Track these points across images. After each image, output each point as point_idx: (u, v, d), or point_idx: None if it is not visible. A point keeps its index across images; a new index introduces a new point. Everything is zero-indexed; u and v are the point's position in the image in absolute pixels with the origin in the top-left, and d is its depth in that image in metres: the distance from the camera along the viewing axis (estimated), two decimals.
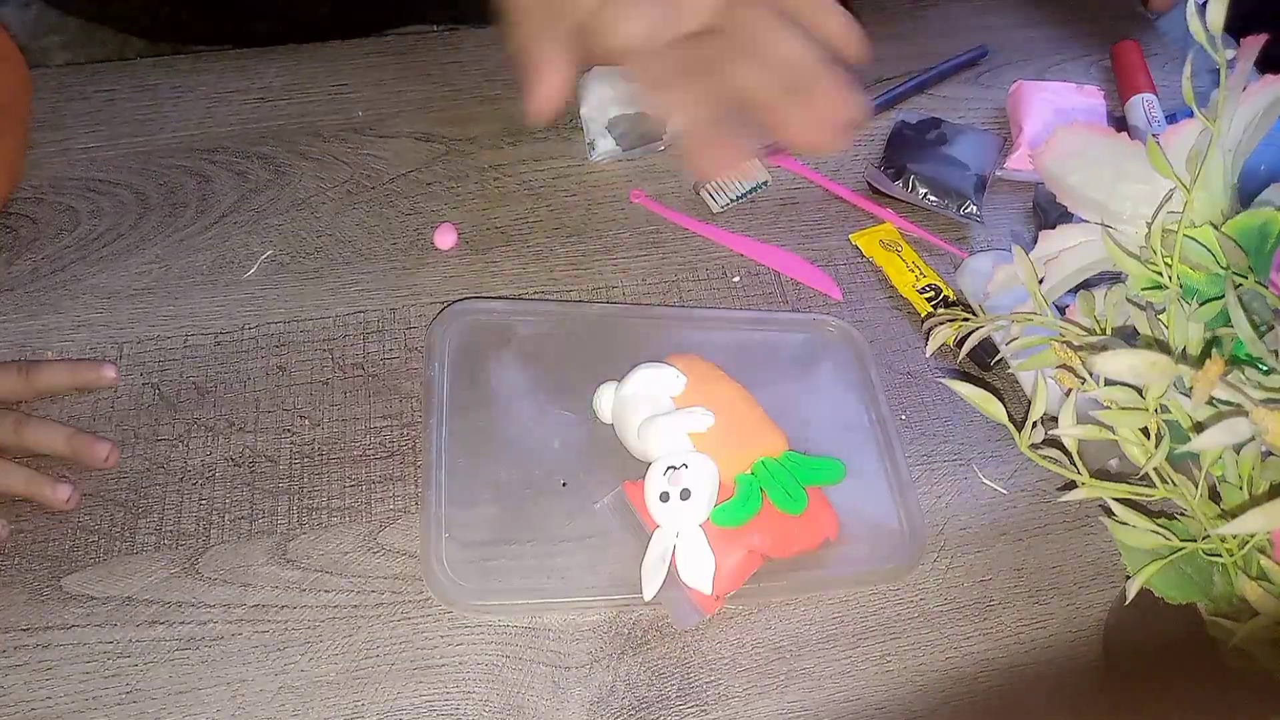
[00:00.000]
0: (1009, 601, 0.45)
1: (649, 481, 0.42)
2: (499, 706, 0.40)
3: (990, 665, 0.43)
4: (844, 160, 0.62)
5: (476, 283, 0.53)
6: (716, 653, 0.42)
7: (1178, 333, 0.34)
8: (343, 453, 0.46)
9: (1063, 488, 0.39)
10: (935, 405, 0.51)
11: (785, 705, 0.41)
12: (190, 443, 0.46)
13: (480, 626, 0.42)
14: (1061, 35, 0.72)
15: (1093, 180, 0.38)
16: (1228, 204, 0.36)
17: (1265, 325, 0.32)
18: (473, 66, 0.64)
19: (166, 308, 0.51)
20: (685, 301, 0.54)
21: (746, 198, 0.59)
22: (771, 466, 0.43)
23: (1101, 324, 0.37)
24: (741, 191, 0.58)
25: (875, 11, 0.72)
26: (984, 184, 0.59)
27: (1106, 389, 0.34)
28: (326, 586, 0.42)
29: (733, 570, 0.41)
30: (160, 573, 0.42)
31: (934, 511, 0.48)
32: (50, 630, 0.40)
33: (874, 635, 0.44)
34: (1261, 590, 0.33)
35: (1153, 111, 0.63)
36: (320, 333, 0.50)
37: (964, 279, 0.55)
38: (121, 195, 0.55)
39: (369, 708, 0.40)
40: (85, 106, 0.59)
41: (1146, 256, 0.36)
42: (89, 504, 0.44)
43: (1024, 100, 0.63)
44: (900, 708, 0.42)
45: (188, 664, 0.40)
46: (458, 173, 0.58)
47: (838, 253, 0.57)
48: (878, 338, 0.54)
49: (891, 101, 0.65)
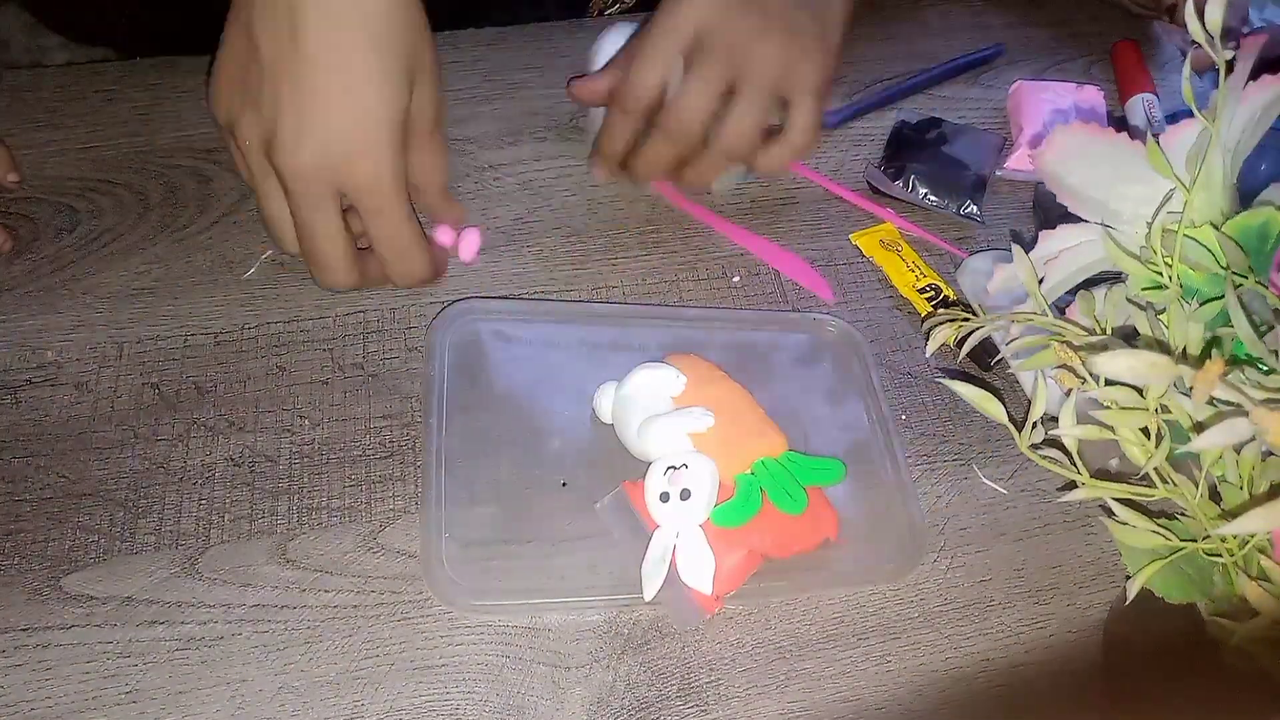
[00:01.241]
0: (1009, 601, 0.45)
1: (649, 481, 0.42)
2: (499, 706, 0.40)
3: (990, 665, 0.43)
4: (844, 160, 0.62)
5: (476, 283, 0.53)
6: (716, 653, 0.42)
7: (1178, 333, 0.34)
8: (342, 453, 0.46)
9: (1063, 488, 0.39)
10: (935, 405, 0.51)
11: (785, 705, 0.41)
12: (190, 443, 0.46)
13: (480, 626, 0.42)
14: (1061, 35, 0.72)
15: (1093, 180, 0.38)
16: (1228, 204, 0.36)
17: (1265, 325, 0.32)
18: (473, 67, 0.64)
19: (166, 308, 0.51)
20: (685, 301, 0.54)
21: (749, 180, 0.59)
22: (771, 466, 0.43)
23: (1101, 324, 0.37)
24: (743, 173, 0.58)
25: (875, 11, 0.72)
26: (984, 184, 0.59)
27: (1106, 389, 0.34)
28: (326, 586, 0.42)
29: (733, 570, 0.41)
30: (160, 573, 0.42)
31: (934, 511, 0.48)
32: (50, 630, 0.40)
33: (874, 635, 0.44)
34: (1261, 590, 0.33)
35: (1153, 111, 0.63)
36: (320, 333, 0.50)
37: (964, 279, 0.55)
38: (121, 195, 0.55)
39: (369, 708, 0.40)
40: (85, 106, 0.59)
41: (1146, 256, 0.36)
42: (89, 504, 0.44)
43: (1024, 100, 0.63)
44: (900, 708, 0.42)
45: (188, 664, 0.40)
46: (458, 173, 0.58)
47: (838, 253, 0.57)
48: (878, 338, 0.54)
49: (907, 92, 0.66)
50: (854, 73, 0.67)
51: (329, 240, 0.44)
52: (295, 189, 0.42)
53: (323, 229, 0.44)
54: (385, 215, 0.44)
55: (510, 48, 0.65)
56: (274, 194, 0.44)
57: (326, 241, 0.44)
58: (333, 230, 0.44)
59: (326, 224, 0.44)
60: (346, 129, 0.41)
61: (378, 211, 0.44)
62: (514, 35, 0.66)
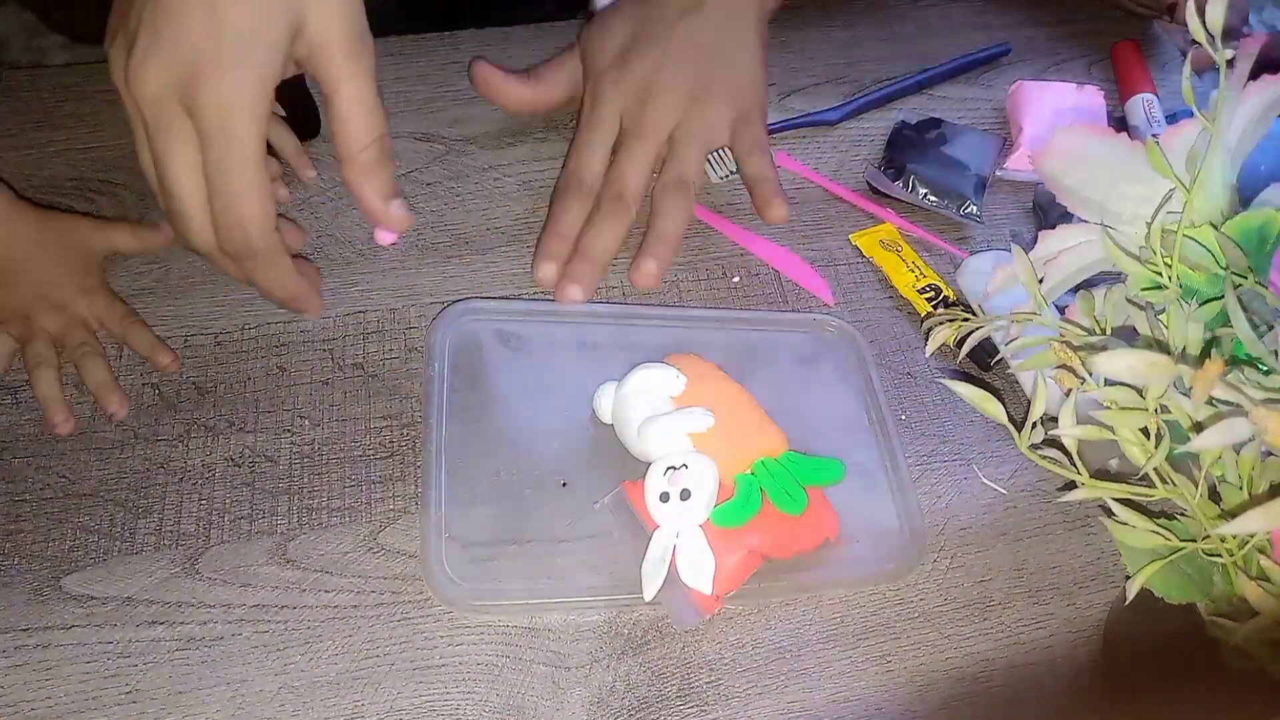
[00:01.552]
0: (1009, 601, 0.45)
1: (649, 481, 0.42)
2: (499, 706, 0.40)
3: (990, 665, 0.43)
4: (844, 160, 0.62)
5: (476, 283, 0.53)
6: (716, 653, 0.42)
7: (1177, 333, 0.34)
8: (343, 453, 0.46)
9: (1063, 488, 0.39)
10: (935, 405, 0.51)
11: (785, 705, 0.41)
12: (190, 443, 0.46)
13: (480, 626, 0.42)
14: (1061, 35, 0.72)
15: (1092, 181, 0.38)
16: (1227, 204, 0.36)
17: (1265, 325, 0.32)
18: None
19: (166, 308, 0.51)
20: (685, 301, 0.54)
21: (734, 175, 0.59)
22: (771, 466, 0.43)
23: (1101, 324, 0.37)
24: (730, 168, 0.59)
25: (875, 11, 0.72)
26: (984, 184, 0.59)
27: (1106, 389, 0.34)
28: (326, 586, 0.42)
29: (733, 570, 0.41)
30: (160, 573, 0.42)
31: (934, 511, 0.48)
32: (50, 630, 0.40)
33: (874, 635, 0.44)
34: (1261, 590, 0.33)
35: (1153, 111, 0.63)
36: (320, 333, 0.50)
37: (964, 279, 0.55)
38: (121, 195, 0.55)
39: (369, 708, 0.40)
40: (85, 106, 0.59)
41: (1146, 257, 0.36)
42: (89, 504, 0.44)
43: (1024, 100, 0.63)
44: (900, 708, 0.42)
45: (188, 664, 0.40)
46: (458, 173, 0.58)
47: (838, 253, 0.57)
48: (878, 338, 0.54)
49: (908, 91, 0.66)
50: (854, 73, 0.67)
51: (179, 178, 0.38)
52: (146, 116, 0.37)
53: (170, 162, 0.37)
54: (221, 146, 0.37)
55: (510, 48, 0.65)
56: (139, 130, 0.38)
57: (176, 179, 0.38)
58: (182, 164, 0.37)
59: (174, 156, 0.37)
60: (196, 40, 0.36)
61: (214, 139, 0.37)
62: (514, 35, 0.66)
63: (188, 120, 0.37)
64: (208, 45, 0.36)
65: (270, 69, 0.37)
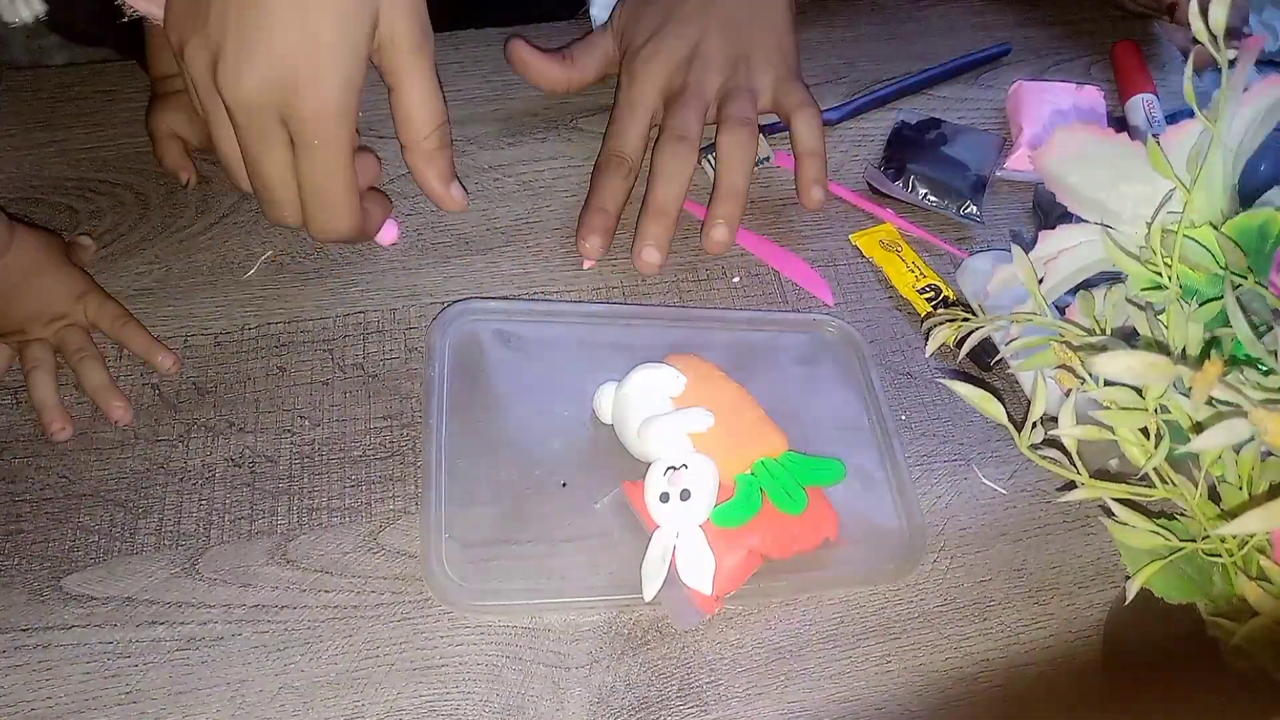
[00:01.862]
0: (1009, 601, 0.45)
1: (649, 482, 0.42)
2: (499, 706, 0.40)
3: (990, 665, 0.43)
4: (844, 160, 0.62)
5: (476, 283, 0.53)
6: (716, 653, 0.42)
7: (1177, 333, 0.34)
8: (343, 453, 0.46)
9: (1063, 488, 0.39)
10: (935, 405, 0.51)
11: (785, 705, 0.41)
12: (190, 443, 0.46)
13: (480, 626, 0.42)
14: (1061, 35, 0.72)
15: (1093, 180, 0.38)
16: (1227, 204, 0.36)
17: (1265, 325, 0.32)
18: (473, 66, 0.64)
19: (166, 308, 0.51)
20: (685, 301, 0.54)
21: (768, 165, 0.60)
22: (771, 467, 0.43)
23: (1101, 324, 0.37)
24: (765, 157, 0.59)
25: (875, 12, 0.72)
26: (984, 184, 0.59)
27: (1106, 389, 0.34)
28: (326, 587, 0.42)
29: (733, 570, 0.41)
30: (160, 573, 0.42)
31: (934, 511, 0.48)
32: (50, 630, 0.40)
33: (874, 635, 0.44)
34: (1261, 590, 0.33)
35: (1153, 111, 0.63)
36: (320, 333, 0.50)
37: (964, 279, 0.55)
38: (121, 195, 0.55)
39: (369, 708, 0.40)
40: (85, 106, 0.59)
41: (1146, 257, 0.36)
42: (89, 504, 0.44)
43: (1024, 100, 0.63)
44: (900, 708, 0.42)
45: (188, 664, 0.40)
46: (458, 173, 0.58)
47: (838, 253, 0.57)
48: (877, 338, 0.54)
49: (908, 91, 0.66)
50: (854, 73, 0.67)
51: (276, 176, 0.41)
52: (239, 119, 0.39)
53: (269, 162, 0.40)
54: (319, 152, 0.40)
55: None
56: (223, 124, 0.41)
57: (274, 177, 0.41)
58: (279, 164, 0.40)
59: (273, 157, 0.40)
60: (292, 53, 0.38)
61: (311, 146, 0.40)
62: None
63: (283, 128, 0.39)
64: (304, 60, 0.38)
65: (359, 75, 0.40)
